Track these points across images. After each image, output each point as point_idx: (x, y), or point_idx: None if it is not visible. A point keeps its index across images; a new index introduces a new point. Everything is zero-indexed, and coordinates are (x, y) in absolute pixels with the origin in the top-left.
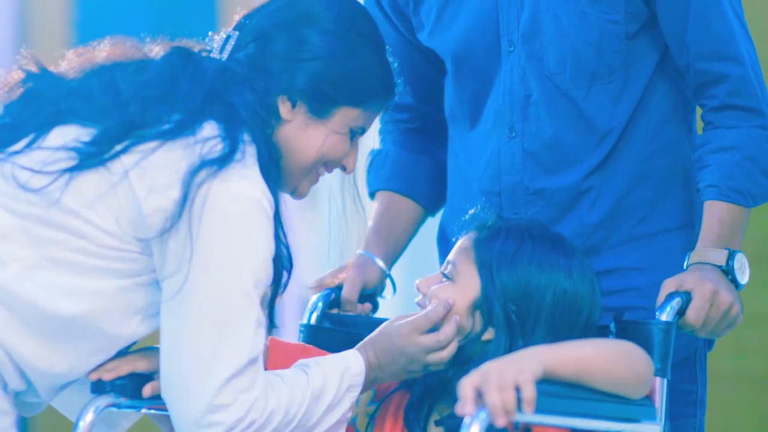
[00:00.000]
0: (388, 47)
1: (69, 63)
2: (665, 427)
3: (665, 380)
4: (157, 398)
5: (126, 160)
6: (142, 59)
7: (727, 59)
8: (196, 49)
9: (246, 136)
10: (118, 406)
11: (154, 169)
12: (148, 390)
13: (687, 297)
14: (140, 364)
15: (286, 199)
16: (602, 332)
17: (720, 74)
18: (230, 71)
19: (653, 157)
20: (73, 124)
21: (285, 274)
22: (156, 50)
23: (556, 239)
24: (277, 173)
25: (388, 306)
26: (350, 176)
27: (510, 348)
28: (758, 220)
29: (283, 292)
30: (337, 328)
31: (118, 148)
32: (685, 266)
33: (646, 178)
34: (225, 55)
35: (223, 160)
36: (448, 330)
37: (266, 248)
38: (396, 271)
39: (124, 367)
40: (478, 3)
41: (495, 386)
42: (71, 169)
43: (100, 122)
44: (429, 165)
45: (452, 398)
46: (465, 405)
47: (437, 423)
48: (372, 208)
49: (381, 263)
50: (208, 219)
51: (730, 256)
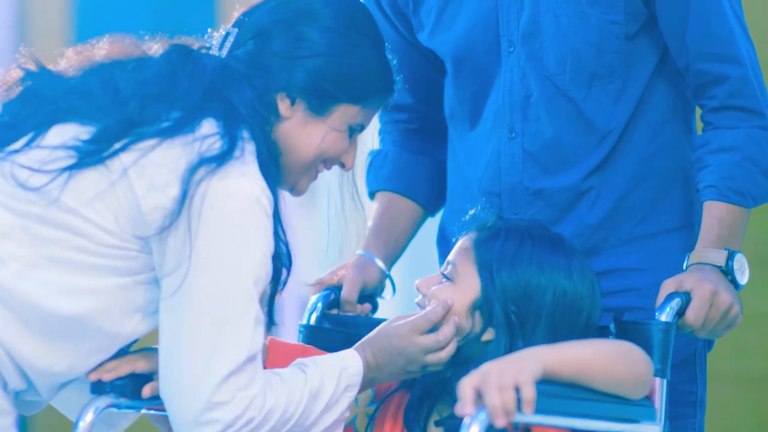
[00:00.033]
0: (387, 45)
1: (68, 61)
2: (665, 427)
3: (665, 381)
4: (157, 399)
5: (125, 158)
6: (141, 57)
7: (727, 60)
8: (195, 47)
9: (245, 134)
10: (117, 406)
11: (153, 166)
12: (147, 390)
13: (686, 297)
14: (140, 365)
15: (285, 196)
16: (602, 332)
17: (720, 75)
18: (229, 68)
19: (653, 157)
20: (72, 123)
21: (284, 271)
22: (155, 48)
23: (556, 240)
24: (276, 170)
25: (387, 306)
26: (349, 173)
27: (510, 348)
28: (758, 220)
29: (282, 289)
30: (337, 328)
31: (117, 146)
32: (684, 267)
33: (646, 178)
34: (224, 53)
35: (222, 158)
36: (447, 330)
37: (265, 245)
38: (396, 272)
39: (124, 368)
40: (478, 3)
41: (495, 387)
42: (70, 168)
43: (99, 120)
44: (429, 165)
45: (452, 399)
46: (465, 405)
47: (437, 423)
48: (372, 208)
49: (381, 264)
50: (207, 216)
51: (730, 257)
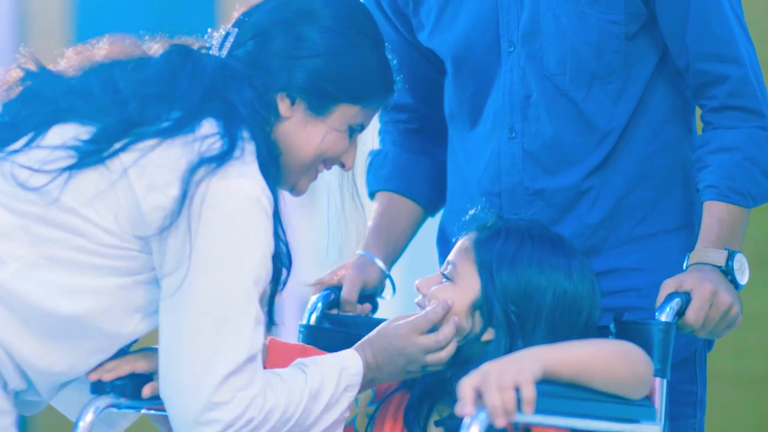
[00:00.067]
0: (387, 45)
1: (68, 61)
2: (665, 427)
3: (665, 381)
4: (157, 399)
5: (125, 158)
6: (141, 57)
7: (727, 60)
8: (195, 47)
9: (245, 134)
10: (117, 406)
11: (153, 166)
12: (147, 390)
13: (686, 297)
14: (140, 365)
15: (285, 196)
16: (602, 332)
17: (720, 75)
18: (229, 68)
19: (653, 157)
20: (72, 123)
21: (284, 271)
22: (155, 48)
23: (556, 240)
24: (276, 170)
25: (387, 306)
26: (349, 173)
27: (510, 348)
28: (758, 220)
29: (282, 289)
30: (337, 328)
31: (117, 146)
32: (684, 267)
33: (646, 178)
34: (224, 53)
35: (222, 158)
36: (446, 331)
37: (265, 245)
38: (396, 272)
39: (124, 368)
40: (478, 3)
41: (495, 387)
42: (70, 168)
43: (99, 120)
44: (429, 165)
45: (452, 399)
46: (465, 405)
47: (437, 423)
48: (372, 208)
49: (381, 264)
50: (207, 216)
51: (730, 257)
